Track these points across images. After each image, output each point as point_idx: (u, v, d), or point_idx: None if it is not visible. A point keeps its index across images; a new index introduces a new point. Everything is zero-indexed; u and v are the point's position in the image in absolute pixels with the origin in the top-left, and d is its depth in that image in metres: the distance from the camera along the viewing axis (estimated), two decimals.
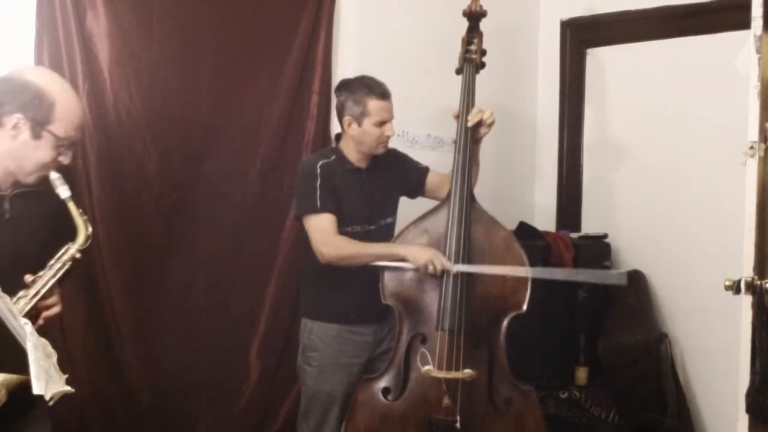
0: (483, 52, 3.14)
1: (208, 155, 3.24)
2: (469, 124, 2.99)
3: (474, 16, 3.15)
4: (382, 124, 2.95)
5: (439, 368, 2.82)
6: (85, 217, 2.16)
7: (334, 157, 3.02)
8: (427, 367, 2.83)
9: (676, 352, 3.87)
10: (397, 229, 3.10)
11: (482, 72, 3.17)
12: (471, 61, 3.11)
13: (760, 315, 2.36)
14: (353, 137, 2.99)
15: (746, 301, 2.40)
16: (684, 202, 3.87)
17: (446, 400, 2.79)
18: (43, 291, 2.08)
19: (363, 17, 3.64)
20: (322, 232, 2.89)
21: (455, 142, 3.04)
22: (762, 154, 2.37)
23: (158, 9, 3.06)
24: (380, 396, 2.92)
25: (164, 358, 3.16)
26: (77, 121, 2.15)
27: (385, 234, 3.05)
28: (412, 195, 3.21)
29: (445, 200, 2.98)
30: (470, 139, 3.00)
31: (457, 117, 3.04)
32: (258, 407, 3.42)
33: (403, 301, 2.91)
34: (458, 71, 3.14)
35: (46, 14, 2.80)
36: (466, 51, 3.13)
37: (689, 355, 3.88)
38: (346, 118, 2.98)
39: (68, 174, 2.22)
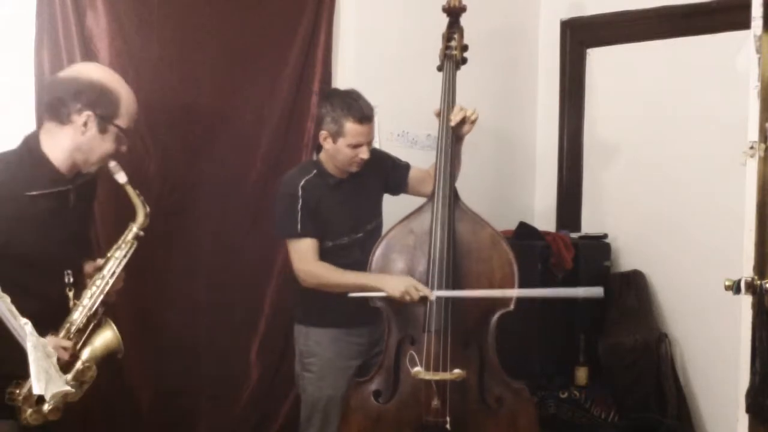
0: (464, 48, 3.11)
1: (208, 155, 3.24)
2: (452, 123, 2.95)
3: (453, 12, 3.12)
4: (356, 146, 2.90)
5: (428, 369, 2.80)
6: (142, 198, 2.42)
7: (315, 171, 3.01)
8: (416, 369, 2.81)
9: (676, 352, 3.87)
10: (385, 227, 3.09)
11: (482, 72, 3.17)
12: (451, 58, 3.07)
13: (760, 315, 2.36)
14: (327, 151, 2.97)
15: (746, 301, 2.40)
16: (684, 202, 3.87)
17: (435, 402, 2.77)
18: (117, 271, 2.36)
19: (363, 17, 3.64)
20: (303, 258, 2.93)
21: (437, 140, 3.00)
22: (762, 154, 2.37)
23: (158, 9, 3.05)
24: (372, 399, 2.90)
25: (164, 358, 3.16)
26: (134, 114, 2.35)
27: (373, 238, 3.03)
28: (394, 192, 3.20)
29: (429, 200, 2.96)
30: (452, 137, 2.97)
31: (438, 115, 3.01)
32: (258, 407, 3.42)
33: (391, 303, 2.89)
34: (440, 68, 3.11)
35: (46, 14, 2.79)
36: (446, 47, 3.09)
37: (689, 355, 3.88)
38: (323, 132, 2.95)
39: None
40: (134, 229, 2.41)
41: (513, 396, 2.87)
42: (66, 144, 2.25)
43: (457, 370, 2.79)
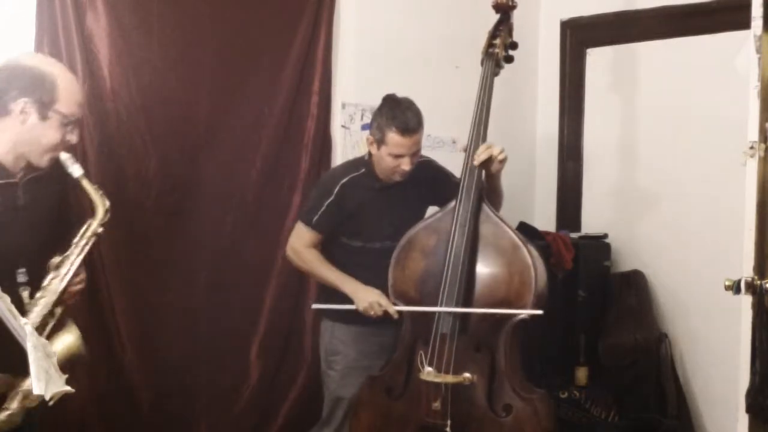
0: (511, 46, 3.04)
1: (208, 155, 3.24)
2: (476, 163, 2.83)
3: (501, 8, 3.05)
4: (398, 156, 2.89)
5: (438, 370, 2.75)
6: (101, 192, 2.22)
7: (363, 170, 3.01)
8: (426, 370, 2.78)
9: (676, 352, 3.87)
10: None
11: None
12: (492, 56, 2.99)
13: (760, 315, 2.36)
14: (373, 156, 2.97)
15: (746, 301, 2.40)
16: (684, 202, 3.87)
17: (435, 404, 2.75)
18: (73, 269, 2.18)
19: (363, 17, 3.64)
20: (298, 240, 3.04)
21: (468, 139, 2.92)
22: (762, 154, 2.37)
23: (158, 9, 3.06)
24: (383, 394, 2.89)
25: (164, 358, 3.16)
26: (78, 97, 2.20)
27: None
28: (441, 205, 3.08)
29: (454, 201, 2.87)
30: (482, 138, 2.91)
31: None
32: (258, 407, 3.42)
33: (409, 302, 2.89)
34: (482, 64, 3.03)
35: (46, 14, 2.79)
36: (489, 45, 3.01)
37: (689, 355, 3.88)
38: (369, 137, 2.96)
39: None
40: (93, 225, 2.22)
41: (523, 405, 2.76)
42: (7, 136, 2.13)
43: (466, 374, 2.74)
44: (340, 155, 3.53)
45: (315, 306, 3.10)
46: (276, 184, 3.41)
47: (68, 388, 1.95)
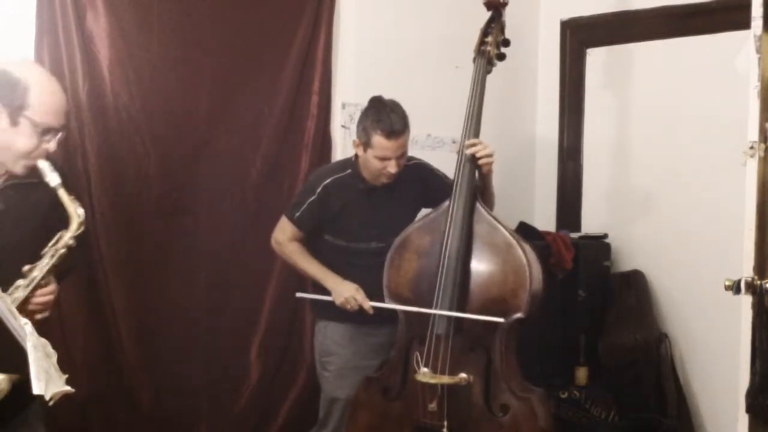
0: (503, 43, 3.04)
1: (208, 155, 3.24)
2: (468, 152, 2.87)
3: (492, 6, 3.05)
4: (384, 159, 2.88)
5: (433, 371, 2.74)
6: (78, 203, 2.12)
7: (349, 171, 3.01)
8: (421, 371, 2.77)
9: (676, 352, 3.87)
10: None
11: None
12: (483, 54, 2.99)
13: (760, 315, 2.36)
14: (359, 158, 2.97)
15: (746, 301, 2.40)
16: (684, 202, 3.87)
17: (432, 405, 2.74)
18: (38, 279, 2.06)
19: (363, 17, 3.64)
20: (282, 233, 3.07)
21: (461, 136, 2.94)
22: (762, 154, 2.37)
23: (158, 9, 3.06)
24: (379, 395, 2.89)
25: (164, 358, 3.16)
26: (55, 107, 2.10)
27: None
28: (432, 207, 3.09)
29: (448, 202, 2.88)
30: (474, 133, 2.92)
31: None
32: (258, 407, 3.42)
33: (404, 303, 2.89)
34: (474, 62, 3.05)
35: (46, 14, 2.80)
36: (481, 43, 3.02)
37: (689, 355, 3.88)
38: (355, 140, 2.96)
39: (68, 173, 2.22)
40: (65, 237, 2.09)
41: (520, 405, 2.75)
42: None
43: (462, 375, 2.74)
44: (340, 155, 3.53)
45: (299, 294, 3.12)
46: (276, 184, 3.41)
47: (68, 388, 1.95)
